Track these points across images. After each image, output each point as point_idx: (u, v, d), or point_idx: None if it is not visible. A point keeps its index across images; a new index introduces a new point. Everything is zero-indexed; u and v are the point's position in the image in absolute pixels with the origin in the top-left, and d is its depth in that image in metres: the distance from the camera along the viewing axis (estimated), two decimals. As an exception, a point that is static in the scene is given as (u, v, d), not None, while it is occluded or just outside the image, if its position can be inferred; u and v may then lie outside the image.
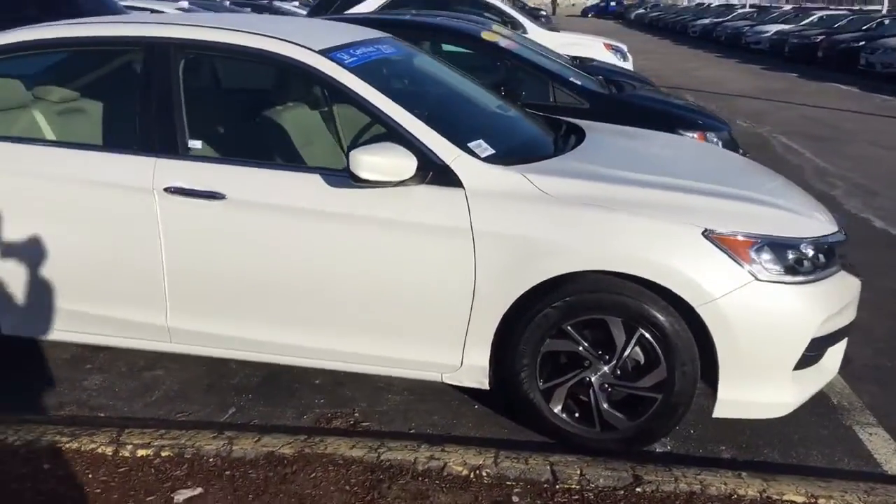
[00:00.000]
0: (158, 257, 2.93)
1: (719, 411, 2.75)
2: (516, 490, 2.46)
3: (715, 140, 5.10)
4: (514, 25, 10.43)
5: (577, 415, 2.83)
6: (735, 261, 2.60)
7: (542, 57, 5.68)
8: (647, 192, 2.75)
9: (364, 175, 2.61)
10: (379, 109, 2.82)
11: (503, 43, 5.33)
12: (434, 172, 2.74)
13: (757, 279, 2.60)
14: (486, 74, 5.19)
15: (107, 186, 2.93)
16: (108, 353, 3.47)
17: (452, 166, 2.75)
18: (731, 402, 2.73)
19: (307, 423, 3.02)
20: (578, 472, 2.55)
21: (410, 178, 2.70)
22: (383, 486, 2.46)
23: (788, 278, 2.65)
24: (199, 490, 2.44)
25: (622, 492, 2.46)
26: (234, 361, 3.27)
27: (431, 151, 2.76)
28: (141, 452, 2.61)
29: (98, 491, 2.44)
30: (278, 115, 3.22)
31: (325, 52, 2.92)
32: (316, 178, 2.81)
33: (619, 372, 2.75)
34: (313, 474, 2.51)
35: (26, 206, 3.01)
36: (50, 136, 3.20)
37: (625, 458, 2.68)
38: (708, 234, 2.61)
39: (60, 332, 3.16)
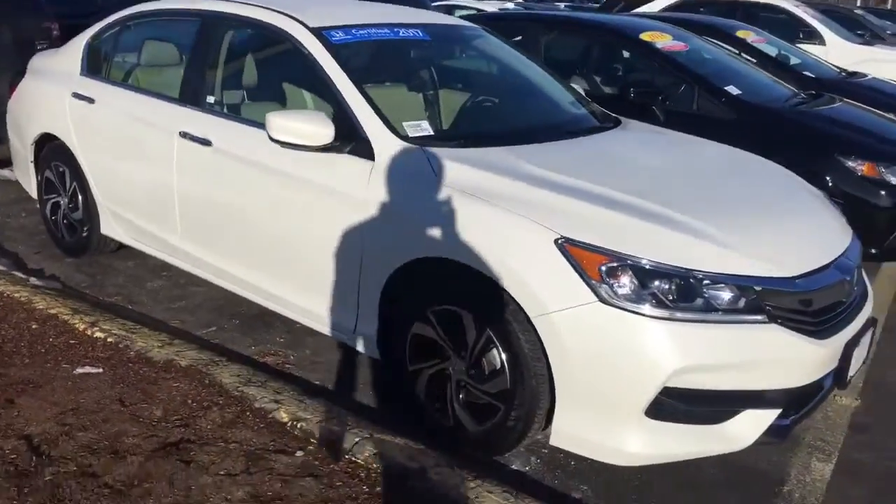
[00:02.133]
0: (173, 188, 3.54)
1: (555, 440, 2.47)
2: (309, 448, 2.55)
3: (889, 176, 4.21)
4: (811, 34, 9.31)
5: (437, 405, 2.76)
6: (581, 276, 2.31)
7: (710, 62, 5.16)
8: (535, 193, 2.55)
9: (275, 136, 2.86)
10: (331, 80, 3.03)
11: (659, 44, 4.96)
12: (356, 143, 2.89)
13: (601, 300, 2.28)
14: (638, 74, 4.96)
15: (157, 127, 3.60)
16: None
17: (371, 140, 2.87)
18: (567, 434, 2.44)
19: (252, 353, 3.39)
20: (374, 450, 2.52)
21: (334, 146, 2.87)
22: (215, 410, 2.73)
23: (643, 308, 2.27)
24: (99, 370, 2.98)
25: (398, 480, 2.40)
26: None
27: (360, 124, 2.90)
28: (89, 330, 3.24)
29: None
30: (267, 77, 3.58)
31: (318, 29, 3.20)
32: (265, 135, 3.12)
33: (472, 371, 2.62)
34: (177, 384, 2.88)
35: (120, 134, 3.85)
36: (141, 84, 3.97)
37: (435, 452, 2.55)
38: (560, 242, 2.36)
39: (129, 239, 4.00)
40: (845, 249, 2.74)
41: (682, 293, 2.31)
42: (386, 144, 2.83)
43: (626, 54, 5.14)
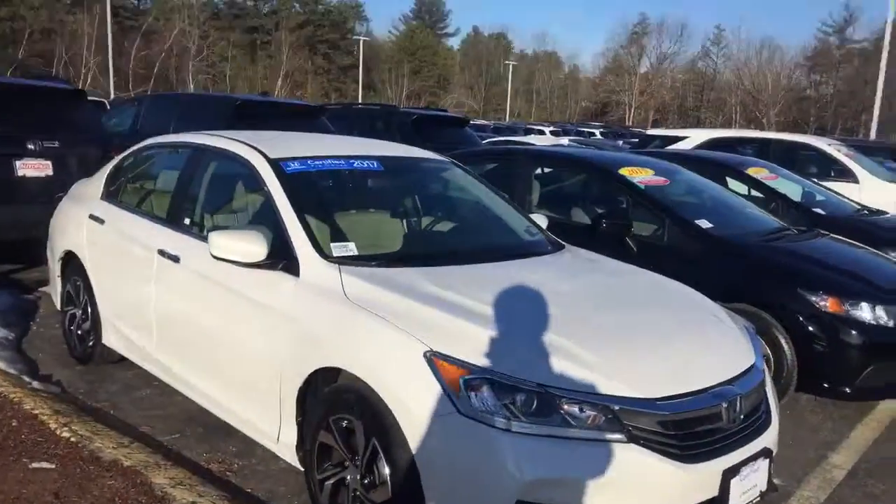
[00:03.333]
0: (151, 301, 3.94)
1: (422, 553, 2.55)
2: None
3: (855, 312, 4.21)
4: (844, 173, 9.36)
5: (338, 515, 2.89)
6: (443, 387, 2.49)
7: (691, 197, 5.37)
8: (421, 309, 2.77)
9: (215, 253, 3.22)
10: (275, 204, 3.41)
11: (636, 178, 5.20)
12: (287, 261, 3.21)
13: (459, 412, 2.44)
14: (614, 206, 5.20)
15: (143, 245, 4.06)
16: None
17: (299, 258, 3.19)
18: (433, 546, 2.51)
19: (201, 459, 3.61)
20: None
21: (267, 264, 3.21)
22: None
23: (497, 421, 2.40)
24: (52, 466, 3.27)
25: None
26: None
27: (292, 244, 3.24)
28: (59, 430, 3.56)
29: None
30: (230, 200, 3.98)
31: (275, 160, 3.61)
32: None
33: (364, 481, 2.76)
34: (112, 482, 3.13)
35: (118, 252, 4.34)
36: (140, 207, 4.47)
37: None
38: (428, 355, 2.55)
39: (122, 348, 4.40)
40: (734, 377, 2.80)
41: (539, 408, 2.44)
42: (309, 263, 3.14)
43: (604, 188, 5.40)
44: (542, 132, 31.40)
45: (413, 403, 2.53)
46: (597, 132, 33.80)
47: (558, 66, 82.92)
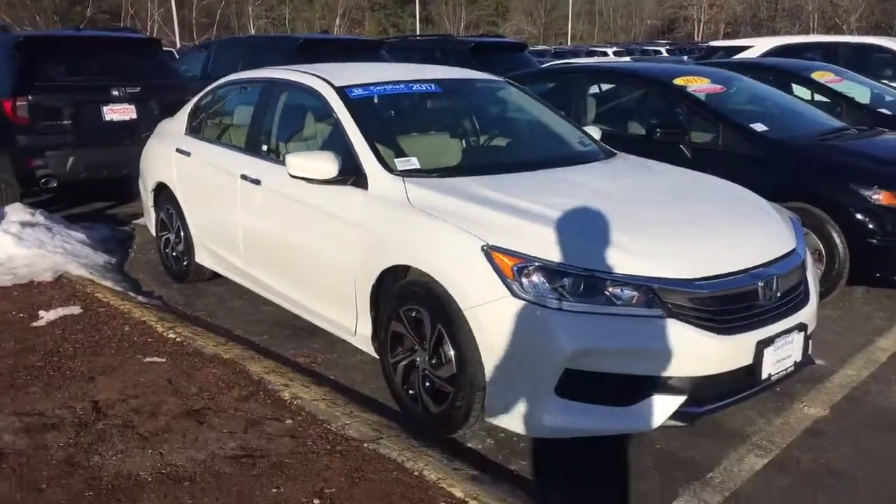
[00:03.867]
0: (237, 220, 4.36)
1: (488, 416, 2.92)
2: (298, 418, 3.16)
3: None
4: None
5: (411, 392, 3.28)
6: (499, 275, 2.79)
7: (748, 102, 5.43)
8: (479, 210, 3.07)
9: (292, 172, 3.58)
10: (343, 128, 3.72)
11: (691, 87, 5.29)
12: (357, 177, 3.54)
13: (513, 295, 2.75)
14: (668, 116, 5.32)
15: (227, 172, 4.46)
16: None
17: (367, 174, 3.51)
18: (495, 410, 2.88)
19: (289, 355, 4.07)
20: (346, 421, 3.09)
21: (339, 180, 3.54)
22: (235, 389, 3.42)
23: (547, 301, 2.70)
24: (163, 360, 3.77)
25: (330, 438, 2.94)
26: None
27: (360, 162, 3.56)
28: (166, 333, 4.06)
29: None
30: (303, 126, 4.29)
31: (341, 87, 3.91)
32: (295, 172, 3.85)
33: (432, 361, 3.12)
34: (215, 371, 3.61)
35: (205, 179, 4.77)
36: (221, 138, 4.88)
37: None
38: (486, 248, 2.85)
39: (213, 265, 4.87)
40: (772, 259, 3.02)
41: (585, 290, 2.72)
42: (376, 177, 3.46)
43: (659, 98, 5.49)
44: (605, 53, 30.69)
45: (472, 291, 2.85)
46: (662, 49, 32.79)
47: (621, -17, 79.63)
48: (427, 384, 3.17)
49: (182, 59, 11.61)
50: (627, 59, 18.06)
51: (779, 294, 2.98)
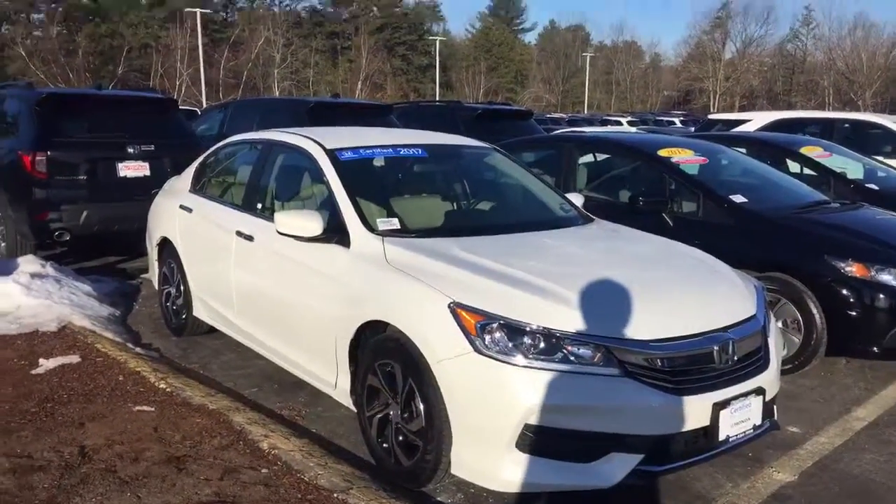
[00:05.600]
0: (231, 275, 4.55)
1: (455, 469, 3.02)
2: (274, 468, 3.27)
3: (882, 276, 4.42)
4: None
5: (384, 445, 3.38)
6: (463, 331, 2.94)
7: (729, 175, 5.62)
8: (449, 269, 3.24)
9: (280, 229, 3.78)
10: (331, 187, 3.94)
11: (675, 158, 5.49)
12: (340, 235, 3.73)
13: (476, 350, 2.88)
14: (651, 185, 5.51)
15: (223, 229, 4.68)
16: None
17: (350, 232, 3.71)
18: (461, 463, 2.99)
19: (275, 407, 4.19)
20: (320, 472, 3.19)
21: (323, 238, 3.73)
22: (217, 438, 3.54)
23: (508, 358, 2.83)
24: (151, 409, 3.90)
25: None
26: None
27: (344, 220, 3.76)
28: (158, 383, 4.21)
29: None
30: (295, 186, 4.52)
31: (331, 150, 4.15)
32: (284, 230, 4.04)
33: (404, 415, 3.24)
34: (200, 420, 3.74)
35: (203, 235, 4.99)
36: (221, 196, 5.12)
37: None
38: (451, 305, 3.01)
39: (209, 318, 5.05)
40: (730, 325, 3.14)
41: (545, 347, 2.86)
42: (358, 235, 3.65)
43: (644, 168, 5.69)
44: (619, 123, 31.21)
45: (439, 346, 2.99)
46: (676, 120, 33.33)
47: (638, 55, 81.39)
48: (399, 437, 3.28)
49: (203, 117, 12.07)
50: (634, 130, 18.54)
51: (735, 358, 3.09)
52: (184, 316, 5.34)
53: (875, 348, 4.49)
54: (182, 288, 5.30)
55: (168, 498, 3.01)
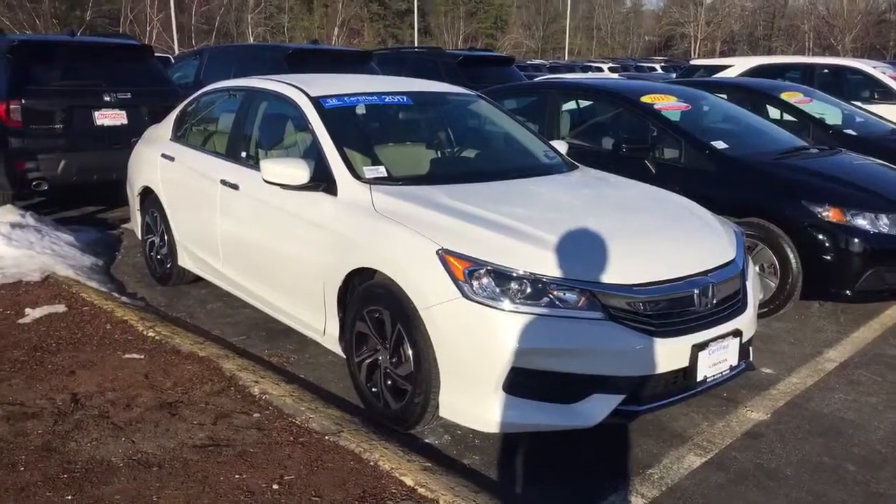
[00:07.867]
0: (216, 224, 4.55)
1: (442, 412, 3.11)
2: (266, 412, 3.34)
3: (858, 220, 4.52)
4: (888, 94, 9.35)
5: (373, 389, 3.46)
6: (451, 277, 2.99)
7: (711, 121, 5.66)
8: (436, 216, 3.27)
9: (266, 178, 3.78)
10: (316, 136, 3.93)
11: (657, 105, 5.51)
12: (328, 184, 3.74)
13: (464, 296, 2.94)
14: (634, 132, 5.54)
15: (208, 177, 4.66)
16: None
17: (336, 181, 3.71)
18: (449, 406, 3.07)
19: (263, 355, 4.25)
20: (311, 416, 3.28)
21: (310, 186, 3.74)
22: (208, 384, 3.60)
23: (495, 303, 2.89)
24: (141, 357, 3.95)
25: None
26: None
27: (331, 169, 3.77)
28: (146, 331, 4.24)
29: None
30: (279, 134, 4.50)
31: (316, 97, 4.12)
32: (270, 178, 4.04)
33: (392, 360, 3.31)
34: (190, 367, 3.79)
35: (187, 184, 4.96)
36: (203, 145, 5.08)
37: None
38: (440, 252, 3.05)
39: (195, 268, 5.06)
40: (710, 269, 3.22)
41: (532, 293, 2.92)
42: (345, 184, 3.66)
43: (627, 115, 5.71)
44: (600, 69, 30.99)
45: (428, 292, 3.05)
46: (657, 66, 33.15)
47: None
48: (388, 382, 3.36)
49: (176, 65, 11.82)
50: (615, 76, 18.44)
51: (714, 301, 3.19)
52: (168, 265, 5.34)
53: (848, 291, 4.62)
54: (166, 237, 5.29)
55: (162, 442, 3.08)
